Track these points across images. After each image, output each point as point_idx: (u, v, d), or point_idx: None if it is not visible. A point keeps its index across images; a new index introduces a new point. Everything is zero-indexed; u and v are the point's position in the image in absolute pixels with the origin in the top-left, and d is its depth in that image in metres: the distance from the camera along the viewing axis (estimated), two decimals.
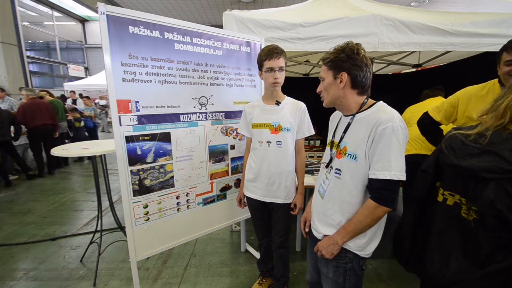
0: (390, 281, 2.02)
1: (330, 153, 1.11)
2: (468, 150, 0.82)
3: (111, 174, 4.67)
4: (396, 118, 0.89)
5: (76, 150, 1.91)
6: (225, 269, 2.17)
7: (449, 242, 0.87)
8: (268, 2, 8.68)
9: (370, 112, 0.97)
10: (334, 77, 0.99)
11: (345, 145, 1.01)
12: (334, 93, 1.02)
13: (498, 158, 0.73)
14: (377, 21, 2.03)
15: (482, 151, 0.78)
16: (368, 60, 0.97)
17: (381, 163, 0.89)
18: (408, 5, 8.73)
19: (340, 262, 1.06)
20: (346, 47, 0.97)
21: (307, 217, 1.26)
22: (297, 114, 1.49)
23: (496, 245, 0.76)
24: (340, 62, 0.97)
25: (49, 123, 4.53)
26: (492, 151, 0.75)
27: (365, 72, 0.97)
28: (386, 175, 0.88)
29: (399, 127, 0.88)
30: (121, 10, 1.30)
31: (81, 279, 2.05)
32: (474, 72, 2.67)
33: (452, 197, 0.87)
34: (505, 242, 0.74)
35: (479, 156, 0.78)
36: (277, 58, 1.40)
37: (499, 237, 0.75)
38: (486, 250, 0.77)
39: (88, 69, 12.38)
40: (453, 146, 0.87)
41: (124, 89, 1.37)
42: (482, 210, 0.77)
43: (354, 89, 0.99)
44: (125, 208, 1.46)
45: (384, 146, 0.89)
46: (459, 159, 0.82)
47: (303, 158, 1.58)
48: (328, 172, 1.10)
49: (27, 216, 3.12)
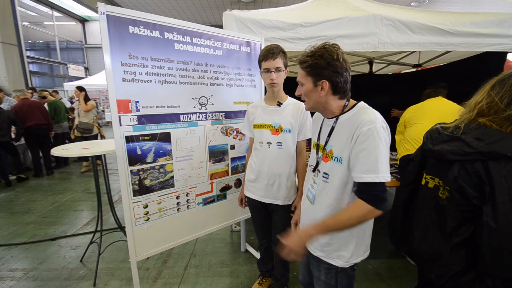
0: (390, 281, 2.02)
1: (316, 156, 1.10)
2: (441, 138, 0.97)
3: (111, 174, 4.67)
4: (378, 119, 0.89)
5: (76, 150, 1.91)
6: (225, 269, 2.17)
7: (428, 220, 1.00)
8: (268, 2, 8.68)
9: (353, 113, 0.97)
10: (314, 84, 0.97)
11: (331, 149, 1.01)
12: (315, 100, 1.00)
13: (462, 143, 0.88)
14: (377, 21, 2.03)
15: (451, 138, 0.93)
16: (347, 64, 0.95)
17: (368, 166, 0.88)
18: (408, 5, 8.73)
19: (332, 265, 1.05)
20: (325, 52, 0.93)
21: (297, 219, 1.26)
22: (298, 116, 1.48)
23: (460, 219, 0.89)
24: (320, 69, 0.94)
25: (43, 123, 4.47)
26: (459, 137, 0.91)
27: (345, 77, 0.95)
28: (374, 178, 0.87)
29: (381, 128, 0.88)
30: (121, 10, 1.30)
31: (81, 279, 2.05)
32: (474, 72, 2.68)
33: (433, 180, 1.00)
34: (467, 216, 0.88)
35: (449, 142, 0.93)
36: (272, 59, 1.38)
37: (462, 211, 0.88)
38: (452, 224, 0.91)
39: (88, 69, 12.38)
40: (432, 136, 1.02)
41: (124, 89, 1.37)
42: (450, 187, 0.91)
43: (335, 95, 0.98)
44: (125, 208, 1.46)
45: (369, 148, 0.87)
46: (434, 145, 0.97)
47: (305, 159, 1.57)
48: (315, 176, 1.08)
49: (27, 216, 3.13)
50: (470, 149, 0.85)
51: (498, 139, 0.82)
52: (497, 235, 0.79)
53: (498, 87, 0.90)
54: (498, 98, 0.88)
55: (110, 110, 1.36)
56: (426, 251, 0.99)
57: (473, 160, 0.85)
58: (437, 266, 0.96)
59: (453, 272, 0.91)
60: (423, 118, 2.11)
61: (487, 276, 0.85)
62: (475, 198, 0.84)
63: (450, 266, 0.92)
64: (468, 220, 0.88)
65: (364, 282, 2.00)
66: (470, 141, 0.86)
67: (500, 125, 0.86)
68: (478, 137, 0.86)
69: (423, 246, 1.00)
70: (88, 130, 4.58)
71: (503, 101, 0.86)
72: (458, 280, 0.91)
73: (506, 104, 0.86)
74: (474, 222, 0.87)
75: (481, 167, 0.83)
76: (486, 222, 0.81)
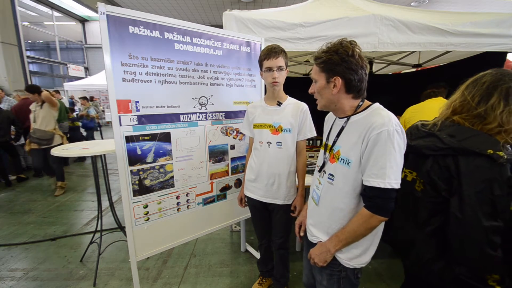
0: (390, 281, 2.02)
1: (323, 156, 1.07)
2: (419, 134, 1.03)
3: (111, 174, 4.67)
4: (392, 122, 0.84)
5: (76, 150, 1.91)
6: (225, 269, 2.17)
7: (405, 211, 1.05)
8: (268, 2, 8.68)
9: (365, 115, 0.93)
10: (327, 80, 0.94)
11: (338, 149, 0.97)
12: (327, 97, 0.97)
13: (436, 139, 0.93)
14: (377, 21, 2.03)
15: (428, 134, 0.99)
16: (364, 61, 0.91)
17: (375, 170, 0.85)
18: (408, 5, 8.72)
19: (334, 270, 1.02)
20: (340, 47, 0.90)
21: (302, 220, 1.23)
22: (298, 115, 1.48)
23: (432, 210, 0.95)
24: (333, 65, 0.90)
25: None
26: (434, 134, 0.96)
27: (360, 75, 0.90)
28: (379, 183, 0.84)
29: (395, 131, 0.83)
30: (121, 10, 1.30)
31: (81, 279, 2.05)
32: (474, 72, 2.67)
33: (411, 174, 1.05)
34: (438, 207, 0.93)
35: (425, 137, 0.99)
36: (275, 57, 1.40)
37: (434, 203, 0.94)
38: (424, 214, 0.97)
39: (88, 69, 12.38)
40: (411, 132, 1.07)
41: (124, 89, 1.37)
42: (423, 179, 0.97)
43: (348, 94, 0.94)
44: (125, 208, 1.46)
45: (378, 152, 0.84)
46: (412, 141, 1.02)
47: (305, 159, 1.58)
48: (321, 177, 1.06)
49: (27, 216, 3.12)
50: (442, 145, 0.91)
51: (468, 136, 0.88)
52: (463, 225, 0.84)
53: (471, 87, 0.95)
54: (470, 97, 0.93)
55: (110, 110, 1.36)
56: (402, 240, 1.06)
57: (445, 155, 0.90)
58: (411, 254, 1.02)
59: (424, 259, 0.97)
60: (423, 118, 2.10)
61: (455, 265, 0.90)
62: (444, 190, 0.90)
63: (422, 254, 0.98)
64: (439, 211, 0.94)
65: (364, 282, 2.00)
66: (443, 138, 0.92)
67: (471, 123, 0.91)
68: (451, 134, 0.91)
69: (400, 235, 1.07)
70: (46, 141, 3.56)
71: (474, 99, 0.92)
72: (430, 268, 0.97)
73: (477, 103, 0.91)
74: (444, 213, 0.92)
75: (452, 161, 0.88)
76: (453, 213, 0.86)
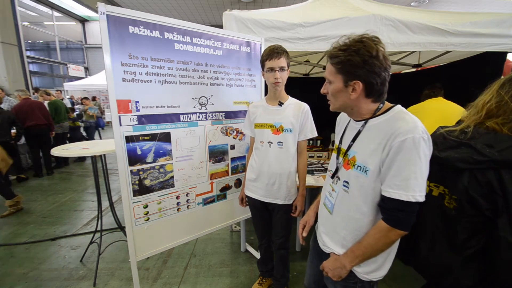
0: (390, 281, 2.02)
1: (336, 161, 0.98)
2: (447, 144, 0.90)
3: (111, 174, 4.67)
4: (418, 129, 0.74)
5: (76, 150, 1.91)
6: (225, 269, 2.17)
7: (434, 231, 0.93)
8: (268, 2, 8.68)
9: (386, 118, 0.83)
10: (344, 84, 0.82)
11: (354, 155, 0.88)
12: (343, 101, 0.87)
13: (471, 150, 0.81)
14: (377, 21, 2.03)
15: (459, 144, 0.87)
16: (388, 61, 0.79)
17: (397, 181, 0.76)
18: (408, 5, 8.73)
19: (350, 282, 0.94)
20: (362, 47, 0.77)
21: (308, 221, 1.17)
22: (299, 116, 1.49)
23: (471, 230, 0.83)
24: (353, 68, 0.79)
25: (43, 123, 4.46)
26: (468, 144, 0.84)
27: (383, 78, 0.80)
28: (401, 195, 0.75)
29: (421, 139, 0.73)
30: (121, 10, 1.30)
31: (81, 279, 2.05)
32: (474, 72, 2.68)
33: (437, 188, 0.93)
34: (479, 227, 0.82)
35: (456, 148, 0.87)
36: (277, 58, 1.40)
37: (473, 223, 0.82)
38: (463, 236, 0.84)
39: (88, 69, 12.38)
40: (436, 141, 0.92)
41: (124, 89, 1.37)
42: (459, 197, 0.84)
43: (368, 98, 0.84)
44: (125, 208, 1.46)
45: (402, 161, 0.75)
46: (440, 152, 0.90)
47: (305, 159, 1.58)
48: (334, 184, 0.97)
49: (27, 216, 3.12)
50: (481, 157, 0.78)
51: (510, 145, 0.76)
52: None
53: (508, 86, 0.83)
54: (509, 97, 0.82)
55: (110, 110, 1.36)
56: (434, 264, 0.92)
57: (485, 169, 0.78)
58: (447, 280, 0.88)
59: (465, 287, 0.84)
60: (424, 119, 2.07)
61: None
62: (487, 210, 0.77)
63: (461, 280, 0.85)
64: (479, 231, 0.81)
65: None
66: (481, 148, 0.79)
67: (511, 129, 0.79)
68: (488, 143, 0.79)
69: (431, 258, 0.93)
70: None
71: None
72: None
73: None
74: (485, 234, 0.80)
75: (494, 176, 0.76)
76: (504, 237, 0.74)
